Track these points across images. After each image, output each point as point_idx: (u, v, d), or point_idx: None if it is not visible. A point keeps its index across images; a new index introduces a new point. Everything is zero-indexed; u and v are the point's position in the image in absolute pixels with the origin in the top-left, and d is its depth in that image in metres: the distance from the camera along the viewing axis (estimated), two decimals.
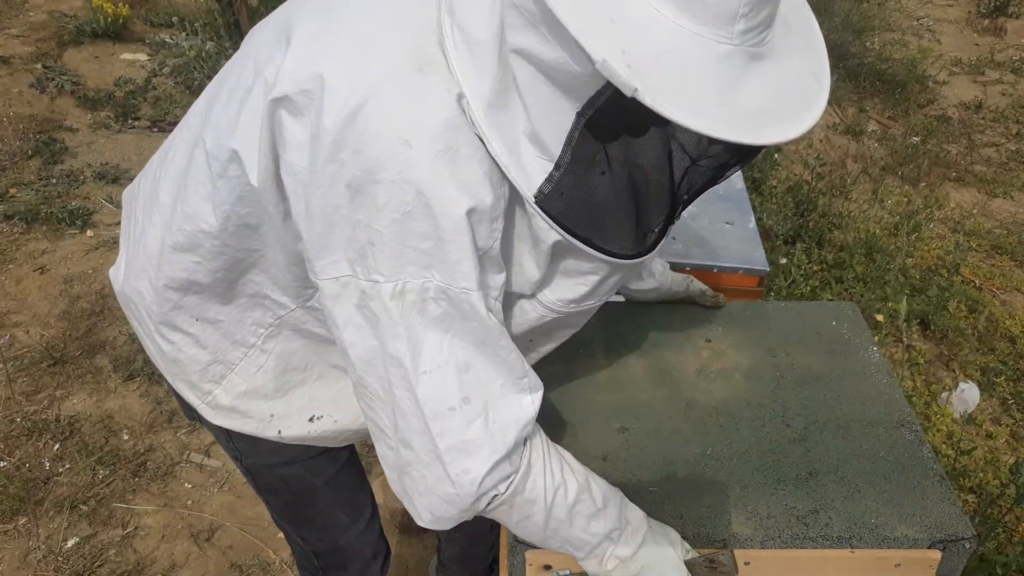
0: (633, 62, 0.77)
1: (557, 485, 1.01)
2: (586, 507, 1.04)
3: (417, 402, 0.93)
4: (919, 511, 1.21)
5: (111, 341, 2.88)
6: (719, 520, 1.19)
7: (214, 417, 1.22)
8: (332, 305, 0.94)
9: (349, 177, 0.86)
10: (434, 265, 0.88)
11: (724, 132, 0.80)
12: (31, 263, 3.25)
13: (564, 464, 1.04)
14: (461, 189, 0.86)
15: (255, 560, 2.20)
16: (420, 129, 0.85)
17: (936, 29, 5.99)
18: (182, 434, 2.56)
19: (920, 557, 1.18)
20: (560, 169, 0.89)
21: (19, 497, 2.33)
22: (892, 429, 1.34)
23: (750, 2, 0.78)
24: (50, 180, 3.71)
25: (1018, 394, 2.88)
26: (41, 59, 4.65)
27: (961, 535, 1.18)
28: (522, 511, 1.01)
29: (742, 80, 0.81)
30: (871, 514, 1.20)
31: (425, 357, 0.92)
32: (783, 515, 1.20)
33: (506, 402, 0.96)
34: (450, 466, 0.94)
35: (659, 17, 0.78)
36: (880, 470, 1.27)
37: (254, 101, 0.95)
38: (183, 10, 5.20)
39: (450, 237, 0.87)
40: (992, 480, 2.49)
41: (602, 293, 1.07)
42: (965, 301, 3.26)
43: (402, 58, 0.87)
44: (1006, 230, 3.84)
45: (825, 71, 0.91)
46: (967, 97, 5.06)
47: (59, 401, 2.66)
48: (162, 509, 2.34)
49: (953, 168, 4.32)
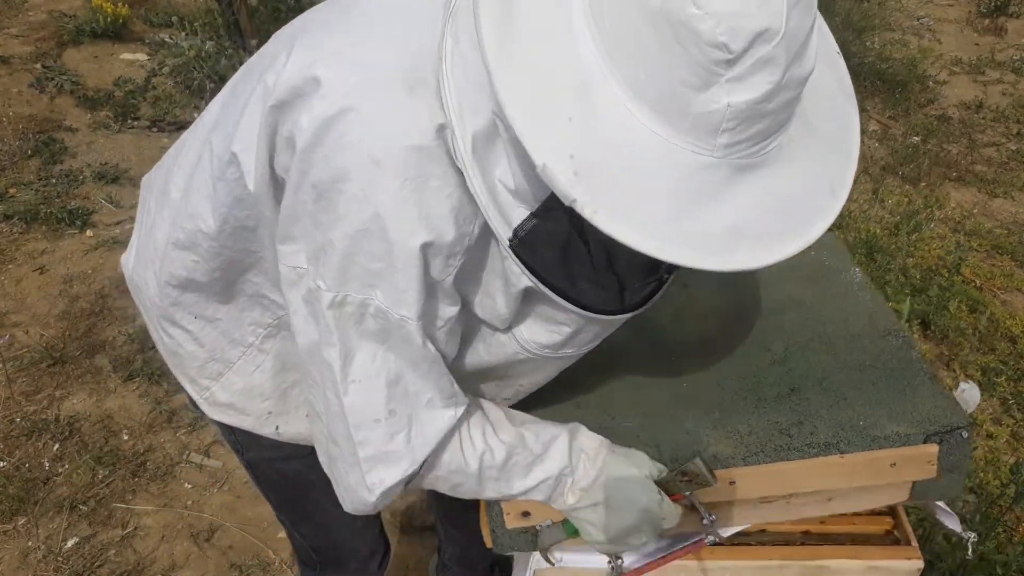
0: (583, 168, 0.72)
1: (481, 452, 1.02)
2: (521, 459, 1.04)
3: (343, 409, 0.94)
4: (909, 408, 1.15)
5: (111, 341, 2.87)
6: (697, 444, 1.14)
7: (212, 412, 1.23)
8: (287, 291, 0.95)
9: (315, 179, 0.86)
10: (379, 287, 0.87)
11: (677, 255, 0.74)
12: (31, 263, 3.24)
13: (487, 429, 1.03)
14: (422, 221, 0.84)
15: (255, 560, 2.20)
16: (393, 151, 0.83)
17: (936, 29, 5.98)
18: (182, 434, 2.56)
19: (916, 453, 1.12)
20: (537, 219, 0.86)
21: (19, 497, 2.33)
22: (878, 339, 1.29)
23: (736, 117, 0.71)
24: (50, 180, 3.71)
25: (1018, 394, 2.88)
26: (41, 59, 4.65)
27: (956, 424, 1.12)
28: (447, 482, 1.03)
29: (721, 194, 0.75)
30: (858, 417, 1.14)
31: (356, 367, 0.92)
32: (765, 430, 1.14)
33: (431, 415, 0.96)
34: (368, 475, 0.97)
35: (630, 121, 0.73)
36: (867, 378, 1.22)
37: (253, 105, 0.95)
38: (183, 10, 5.19)
39: (401, 265, 0.85)
40: (992, 480, 2.49)
41: (581, 343, 1.04)
42: (966, 301, 3.25)
43: (396, 75, 0.85)
44: (1007, 230, 3.83)
45: (845, 181, 0.84)
46: (967, 97, 5.06)
47: (59, 401, 2.65)
48: (162, 509, 2.34)
49: (954, 168, 4.32)
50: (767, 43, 0.68)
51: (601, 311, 0.95)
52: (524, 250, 0.87)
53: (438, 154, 0.83)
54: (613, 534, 1.07)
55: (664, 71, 0.70)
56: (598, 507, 1.06)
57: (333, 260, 0.87)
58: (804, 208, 0.80)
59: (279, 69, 0.92)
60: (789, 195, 0.79)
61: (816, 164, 0.81)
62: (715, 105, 0.70)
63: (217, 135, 1.03)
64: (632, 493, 1.05)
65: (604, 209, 0.72)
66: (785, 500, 1.16)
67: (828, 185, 0.82)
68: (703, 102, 0.70)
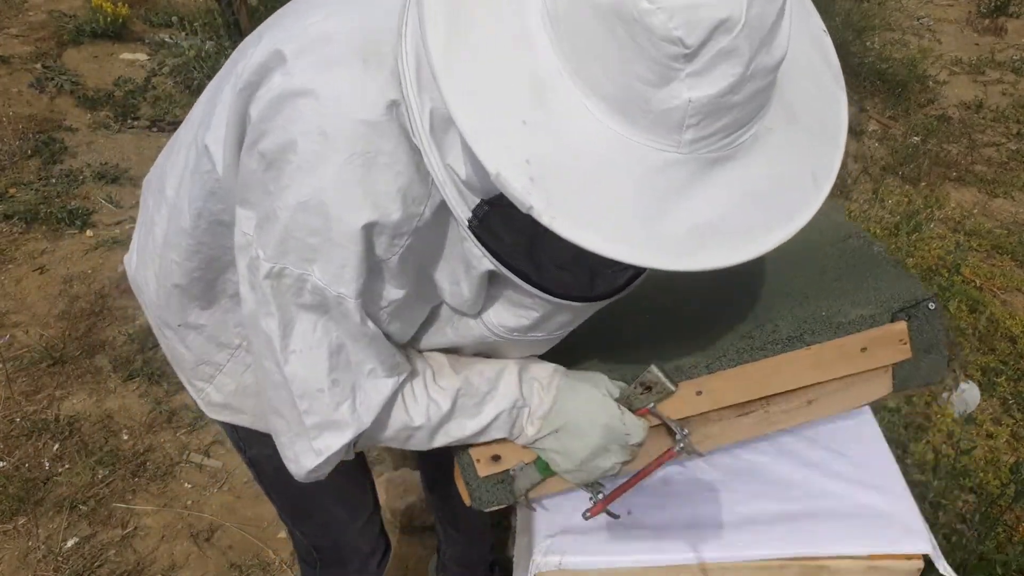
0: (539, 174, 0.69)
1: (425, 406, 1.01)
2: (468, 400, 1.03)
3: (285, 378, 0.93)
4: (872, 293, 1.12)
5: (111, 341, 2.87)
6: (656, 356, 1.09)
7: (210, 412, 1.24)
8: (237, 256, 0.93)
9: (265, 148, 0.85)
10: (316, 262, 0.85)
11: (646, 258, 0.70)
12: (30, 263, 3.24)
13: (429, 381, 1.02)
14: (367, 198, 0.82)
15: (255, 560, 2.20)
16: (342, 124, 0.81)
17: (936, 29, 5.98)
18: (182, 434, 2.56)
19: (884, 333, 1.09)
20: (491, 205, 0.83)
21: (19, 497, 2.33)
22: (838, 243, 1.26)
23: (699, 112, 0.67)
24: (49, 180, 3.70)
25: (1018, 394, 2.88)
26: (41, 59, 4.64)
27: (920, 297, 1.09)
28: (397, 440, 1.03)
29: (691, 191, 0.71)
30: (821, 309, 1.10)
31: (296, 337, 0.91)
32: (725, 336, 1.11)
33: (374, 384, 0.96)
34: (315, 441, 0.97)
35: (589, 121, 0.69)
36: (828, 277, 1.19)
37: (225, 95, 0.95)
38: (183, 10, 5.19)
39: (340, 242, 0.83)
40: (992, 480, 2.49)
41: (552, 328, 1.01)
42: (966, 301, 3.25)
43: (354, 50, 0.83)
44: (1007, 230, 3.83)
45: (829, 170, 0.80)
46: (967, 97, 5.06)
47: (59, 401, 2.65)
48: (162, 509, 2.34)
49: (953, 168, 4.32)
50: (727, 34, 0.65)
51: (568, 297, 0.92)
52: (484, 232, 0.84)
53: (389, 130, 0.81)
54: (581, 458, 1.05)
55: (621, 69, 0.67)
56: (560, 433, 1.05)
57: (274, 231, 0.85)
58: (784, 199, 0.76)
59: (249, 55, 0.91)
60: (767, 187, 0.75)
61: (797, 153, 0.77)
62: (676, 101, 0.67)
63: (200, 130, 1.03)
64: (591, 412, 1.03)
65: (564, 215, 0.69)
66: (763, 410, 1.12)
67: (811, 174, 0.78)
68: (663, 99, 0.67)
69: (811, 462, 1.33)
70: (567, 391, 1.05)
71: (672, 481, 1.30)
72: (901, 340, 1.08)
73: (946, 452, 2.57)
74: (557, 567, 1.20)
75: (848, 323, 1.07)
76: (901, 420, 2.57)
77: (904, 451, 2.46)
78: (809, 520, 1.23)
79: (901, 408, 2.61)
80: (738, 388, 1.09)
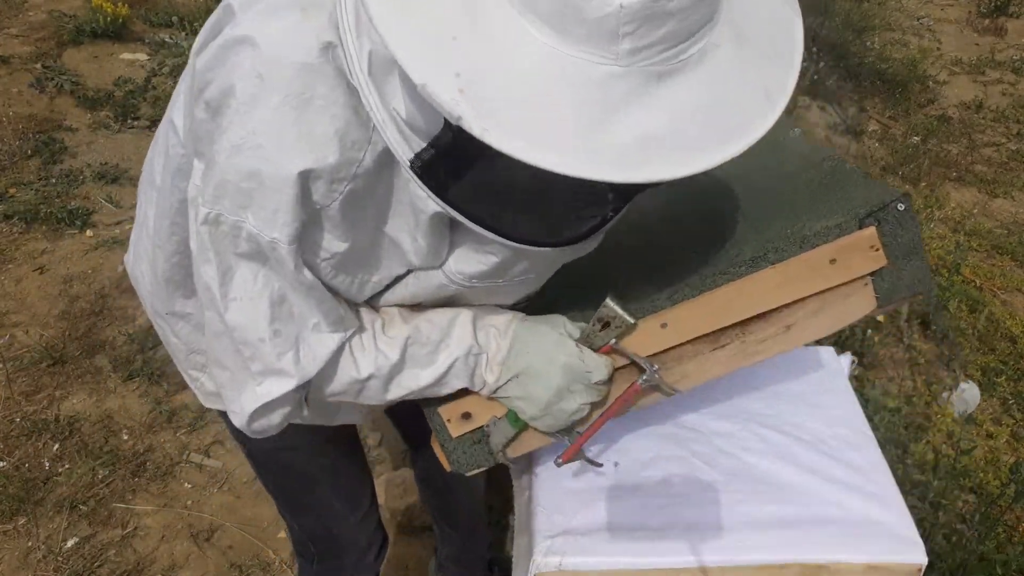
0: (470, 87, 0.67)
1: (373, 358, 1.00)
2: (419, 349, 1.01)
3: (227, 326, 0.93)
4: (838, 203, 1.04)
5: (111, 341, 2.87)
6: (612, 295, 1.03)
7: (207, 402, 1.25)
8: (189, 205, 0.93)
9: (208, 96, 0.85)
10: (250, 208, 0.85)
11: (583, 169, 0.68)
12: (30, 263, 3.24)
13: (378, 333, 1.01)
14: (302, 141, 0.82)
15: (255, 560, 2.20)
16: (277, 67, 0.81)
17: (936, 29, 5.98)
18: (182, 434, 2.56)
19: (853, 241, 1.01)
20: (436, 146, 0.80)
21: (19, 497, 2.33)
22: (810, 168, 1.20)
23: (633, 19, 0.65)
24: (49, 180, 3.70)
25: (1018, 394, 2.88)
26: (41, 59, 4.64)
27: (888, 199, 1.01)
28: (348, 394, 1.02)
29: (634, 104, 0.69)
30: (785, 226, 1.03)
31: (236, 285, 0.91)
32: (684, 264, 1.05)
33: (318, 338, 0.95)
34: (259, 387, 0.96)
35: (524, 36, 0.68)
36: (801, 199, 1.12)
37: (187, 69, 0.95)
38: (183, 10, 5.19)
39: (273, 186, 0.83)
40: (992, 480, 2.49)
41: (513, 276, 0.99)
42: (966, 301, 3.25)
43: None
44: (1007, 230, 3.83)
45: (783, 86, 0.77)
46: (967, 97, 5.06)
47: (59, 401, 2.65)
48: (162, 509, 2.34)
49: (953, 168, 4.32)
50: None
51: (523, 241, 0.88)
52: (427, 172, 0.82)
53: (325, 72, 0.81)
54: (545, 401, 1.03)
55: None
56: (521, 378, 1.03)
57: (213, 176, 0.86)
58: (737, 115, 0.74)
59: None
60: (718, 102, 0.73)
61: (748, 71, 0.75)
62: (608, 8, 0.65)
63: (171, 107, 1.03)
64: (549, 353, 1.01)
65: (496, 126, 0.67)
66: (739, 341, 1.05)
67: (763, 91, 0.76)
68: (595, 7, 0.65)
69: (810, 467, 1.34)
70: (524, 334, 1.03)
71: (673, 483, 1.30)
72: (872, 247, 1.00)
73: (946, 452, 2.58)
74: (557, 568, 1.20)
75: (813, 235, 1.00)
76: (901, 420, 2.57)
77: (904, 451, 2.46)
78: (808, 525, 1.24)
79: (901, 408, 2.61)
80: (704, 317, 1.03)
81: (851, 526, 1.24)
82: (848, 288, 1.03)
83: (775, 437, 1.40)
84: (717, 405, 1.47)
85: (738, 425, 1.42)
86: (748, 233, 1.07)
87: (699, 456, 1.36)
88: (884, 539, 1.23)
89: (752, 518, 1.25)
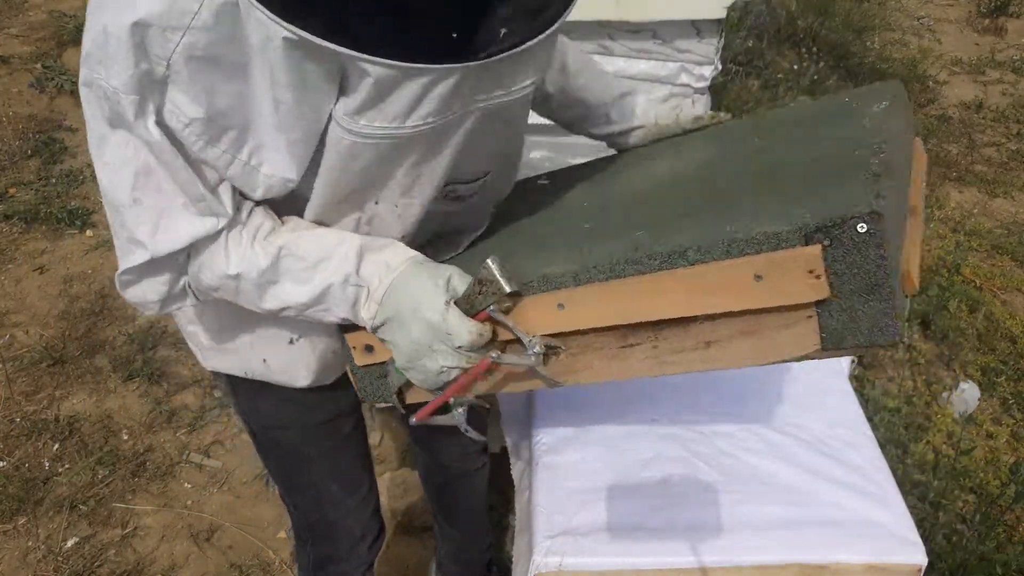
0: None
1: (242, 256, 0.98)
2: (296, 265, 0.99)
3: (103, 188, 0.96)
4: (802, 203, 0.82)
5: (111, 341, 2.87)
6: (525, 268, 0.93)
7: (206, 360, 1.25)
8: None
9: None
10: (104, 62, 0.87)
11: None
12: (30, 263, 3.24)
13: (257, 237, 0.99)
14: None
15: (255, 560, 2.20)
16: None
17: (936, 29, 5.98)
18: (182, 434, 2.56)
19: (786, 259, 0.78)
20: None
21: (19, 497, 2.33)
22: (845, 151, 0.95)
23: None
24: (49, 180, 3.71)
25: (1018, 394, 2.88)
26: (40, 59, 4.64)
27: (849, 214, 0.75)
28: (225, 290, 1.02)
29: None
30: (726, 222, 0.84)
31: (109, 151, 0.93)
32: (609, 246, 0.91)
33: (186, 219, 0.95)
34: (122, 260, 0.99)
35: None
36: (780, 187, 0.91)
37: None
38: None
39: (115, 36, 0.84)
40: (992, 480, 2.49)
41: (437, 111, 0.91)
42: (966, 301, 3.25)
43: None
44: (1007, 230, 3.83)
45: None
46: (967, 97, 5.06)
47: (58, 401, 2.65)
48: (162, 509, 2.34)
49: (954, 168, 4.32)
50: None
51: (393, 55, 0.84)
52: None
53: None
54: (407, 354, 0.98)
55: None
56: (391, 323, 0.98)
57: (87, 38, 0.88)
58: None
59: None
60: None
61: None
62: None
63: None
64: (417, 303, 0.95)
65: None
66: (652, 345, 0.90)
67: None
68: None
69: (811, 467, 1.34)
70: (405, 277, 0.97)
71: (673, 483, 1.30)
72: (812, 271, 0.77)
73: (946, 452, 2.58)
74: (557, 568, 1.20)
75: (745, 241, 0.79)
76: (901, 420, 2.57)
77: (904, 451, 2.46)
78: (808, 525, 1.24)
79: (901, 408, 2.62)
80: (602, 309, 0.89)
81: (851, 526, 1.24)
82: (786, 317, 0.82)
83: (775, 437, 1.40)
84: (717, 405, 1.47)
85: (738, 425, 1.42)
86: (699, 220, 0.90)
87: (699, 456, 1.36)
88: (884, 539, 1.23)
89: (752, 518, 1.25)
